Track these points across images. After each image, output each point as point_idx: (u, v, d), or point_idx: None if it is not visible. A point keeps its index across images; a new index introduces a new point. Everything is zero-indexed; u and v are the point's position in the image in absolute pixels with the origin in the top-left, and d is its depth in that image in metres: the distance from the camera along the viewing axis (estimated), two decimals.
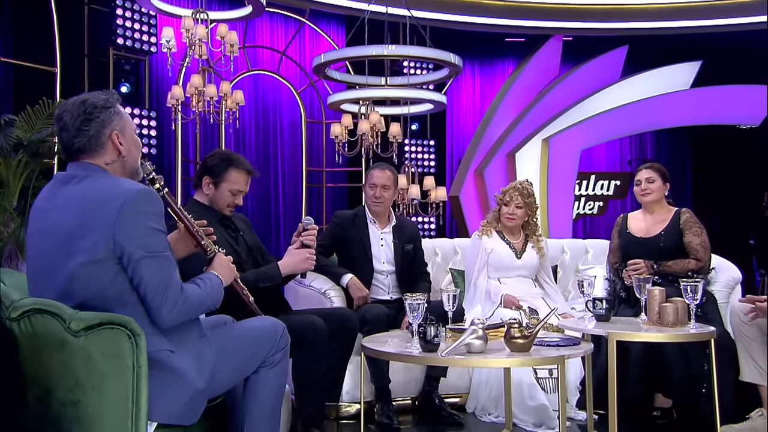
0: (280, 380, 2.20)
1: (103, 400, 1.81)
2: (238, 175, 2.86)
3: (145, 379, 1.84)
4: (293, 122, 9.28)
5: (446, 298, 2.73)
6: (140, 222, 1.87)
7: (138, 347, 1.83)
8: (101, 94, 2.02)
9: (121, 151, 1.98)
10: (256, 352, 2.14)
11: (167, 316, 1.90)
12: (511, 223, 3.79)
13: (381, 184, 3.59)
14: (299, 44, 9.35)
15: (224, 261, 2.23)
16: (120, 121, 1.99)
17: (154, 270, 1.88)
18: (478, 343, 2.50)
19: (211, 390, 2.01)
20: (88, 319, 1.80)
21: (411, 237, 3.68)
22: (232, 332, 2.15)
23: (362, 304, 3.41)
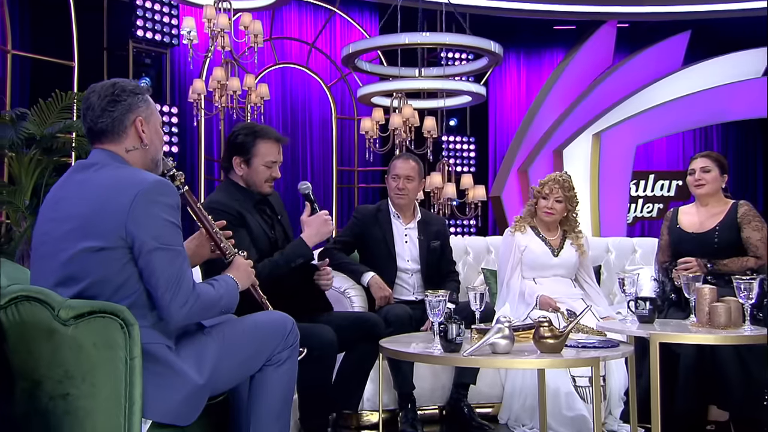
0: (288, 379, 2.19)
1: (94, 393, 1.82)
2: (268, 146, 2.83)
3: (139, 372, 1.85)
4: (323, 119, 9.35)
5: (473, 297, 2.70)
6: (154, 212, 1.91)
7: (131, 338, 1.85)
8: (132, 81, 2.10)
9: (143, 139, 2.04)
10: (261, 348, 2.14)
11: (177, 312, 1.92)
12: (549, 218, 3.73)
13: (404, 174, 3.57)
14: (329, 35, 9.42)
15: (243, 265, 2.26)
16: (146, 109, 2.06)
17: (165, 263, 1.90)
18: (503, 343, 2.46)
19: (211, 387, 2.02)
20: (78, 307, 1.83)
21: (437, 233, 3.65)
22: (235, 326, 2.15)
23: (384, 304, 3.38)
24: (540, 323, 2.53)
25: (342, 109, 9.40)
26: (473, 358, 2.40)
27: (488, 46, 6.89)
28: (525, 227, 3.77)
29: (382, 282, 3.43)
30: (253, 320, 2.19)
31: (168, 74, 7.89)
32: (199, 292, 1.97)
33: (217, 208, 2.72)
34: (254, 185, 2.85)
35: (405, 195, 3.57)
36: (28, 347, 1.84)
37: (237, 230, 2.69)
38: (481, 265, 4.15)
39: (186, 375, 1.94)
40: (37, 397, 1.83)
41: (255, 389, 2.16)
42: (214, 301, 2.03)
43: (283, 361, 2.18)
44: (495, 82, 10.41)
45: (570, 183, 3.72)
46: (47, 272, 1.95)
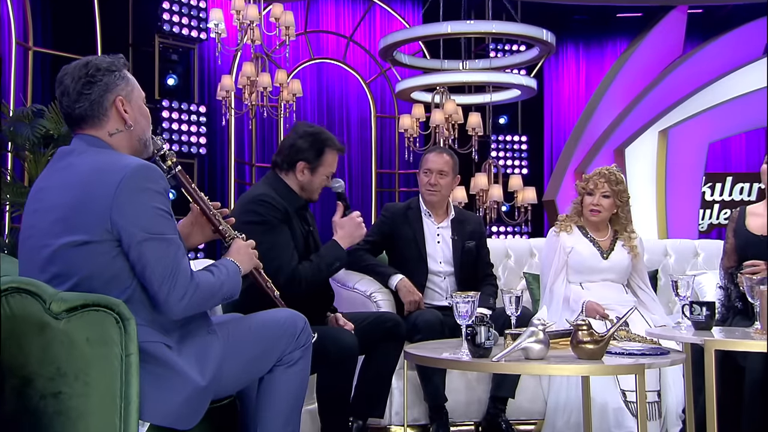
0: (298, 382, 2.20)
1: (87, 392, 1.85)
2: (334, 156, 2.96)
3: (136, 369, 1.87)
4: (362, 118, 9.41)
5: (508, 300, 2.68)
6: (141, 200, 1.90)
7: (127, 333, 1.87)
8: (106, 57, 2.09)
9: (126, 120, 2.03)
10: (270, 348, 2.15)
11: (176, 306, 1.93)
12: (596, 217, 3.67)
13: (437, 169, 3.56)
14: (368, 28, 9.49)
15: (243, 247, 2.26)
16: (126, 86, 2.04)
17: (159, 254, 1.91)
18: (537, 348, 2.42)
19: (214, 389, 2.02)
20: (71, 300, 1.85)
21: (473, 232, 3.63)
22: (242, 324, 2.16)
23: (414, 309, 3.37)
24: (578, 327, 2.49)
25: (382, 107, 9.44)
26: (503, 363, 2.37)
27: (539, 35, 6.86)
28: (571, 227, 3.71)
29: (411, 285, 3.42)
30: (261, 318, 2.20)
31: (196, 71, 8.03)
32: (198, 281, 1.97)
33: (266, 201, 2.81)
34: (308, 192, 2.95)
35: (437, 191, 3.56)
36: (19, 342, 1.86)
37: (281, 227, 2.78)
38: (524, 269, 4.11)
39: (187, 375, 1.95)
40: (28, 396, 1.86)
41: (263, 392, 2.17)
42: (215, 289, 2.03)
43: (295, 362, 2.18)
44: (551, 75, 10.32)
45: (618, 176, 3.65)
46: (34, 269, 1.97)
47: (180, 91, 7.87)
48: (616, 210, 3.70)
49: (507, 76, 7.20)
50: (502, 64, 7.72)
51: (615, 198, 3.66)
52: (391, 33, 6.93)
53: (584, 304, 3.53)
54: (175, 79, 7.85)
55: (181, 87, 7.92)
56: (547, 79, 10.32)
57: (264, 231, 2.75)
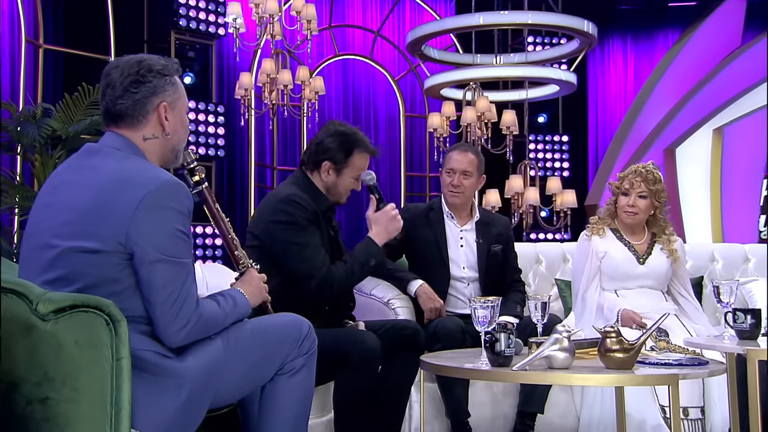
0: (303, 391, 2.20)
1: (76, 398, 1.87)
2: (363, 159, 3.01)
3: (127, 374, 1.89)
4: (390, 117, 9.43)
5: (533, 307, 2.67)
6: (162, 219, 1.94)
7: (117, 336, 1.89)
8: (161, 59, 2.13)
9: (165, 127, 2.07)
10: (272, 354, 2.16)
11: (175, 336, 1.96)
12: (632, 219, 3.63)
13: (460, 169, 3.55)
14: (397, 22, 9.52)
15: (255, 279, 2.30)
16: (173, 94, 2.09)
17: (168, 278, 1.93)
18: (561, 357, 2.41)
19: (212, 396, 2.04)
20: (59, 301, 1.87)
21: (499, 236, 3.61)
22: (242, 328, 2.17)
23: (434, 317, 3.36)
24: (606, 334, 2.47)
25: (411, 106, 9.45)
26: (524, 373, 2.37)
27: (579, 26, 6.82)
28: (604, 230, 3.68)
29: (432, 291, 3.42)
30: (262, 322, 2.21)
31: (214, 68, 8.12)
32: (203, 311, 2.00)
33: (296, 201, 2.85)
34: (335, 194, 2.99)
35: (460, 193, 3.56)
36: (5, 345, 1.88)
37: (312, 229, 2.83)
38: (556, 276, 4.09)
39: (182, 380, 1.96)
40: (14, 401, 1.88)
41: (265, 401, 2.18)
42: (219, 321, 2.07)
43: (298, 370, 2.19)
44: (595, 69, 10.24)
45: (655, 175, 3.61)
46: (35, 268, 2.00)
47: (197, 89, 7.96)
48: (653, 211, 3.66)
49: (543, 70, 7.17)
50: (539, 58, 7.69)
51: (652, 198, 3.62)
52: (420, 26, 6.93)
53: (619, 312, 3.50)
54: (191, 77, 7.93)
55: (199, 85, 8.02)
56: (591, 74, 10.25)
57: (294, 232, 2.81)
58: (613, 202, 3.72)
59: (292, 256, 2.81)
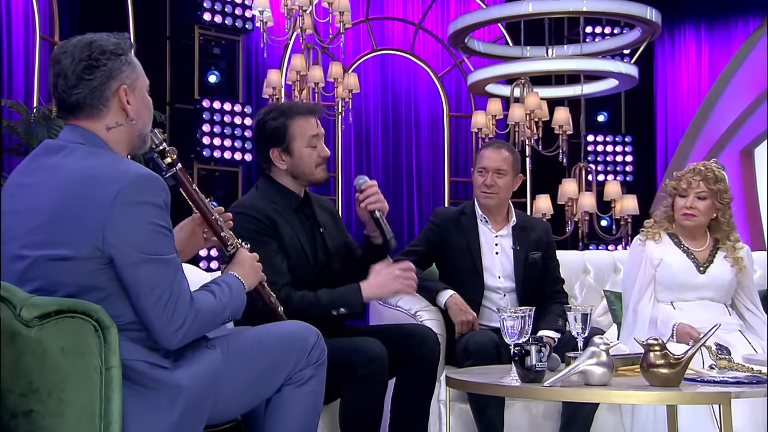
0: (311, 403, 2.23)
1: (62, 410, 1.89)
2: (303, 121, 2.92)
3: (117, 385, 1.92)
4: (433, 117, 9.44)
5: (572, 318, 2.65)
6: (139, 216, 1.95)
7: (107, 343, 1.92)
8: (111, 36, 2.11)
9: (129, 112, 2.06)
10: (277, 365, 2.18)
11: (174, 337, 1.98)
12: (691, 222, 3.58)
13: (494, 167, 3.54)
14: (441, 13, 9.54)
15: (248, 259, 2.31)
16: (131, 73, 2.07)
17: (156, 279, 1.95)
18: (599, 372, 2.40)
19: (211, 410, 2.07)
20: (44, 305, 1.90)
21: (538, 242, 3.59)
22: (243, 337, 2.20)
23: (466, 331, 3.35)
24: (650, 346, 2.45)
25: (457, 104, 9.45)
26: (558, 389, 2.37)
27: (641, 13, 6.75)
28: (660, 235, 3.64)
29: (463, 303, 3.41)
30: (266, 331, 2.23)
31: (241, 66, 8.21)
32: (199, 306, 2.01)
33: (243, 212, 2.81)
34: (304, 176, 2.94)
35: (494, 194, 3.55)
36: None
37: (265, 242, 2.77)
38: (605, 287, 4.06)
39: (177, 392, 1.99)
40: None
41: (270, 413, 2.21)
42: (217, 312, 2.08)
43: (306, 381, 2.21)
44: (664, 62, 10.10)
45: (717, 173, 3.56)
46: (10, 281, 1.99)
47: (223, 89, 8.06)
48: (715, 214, 3.60)
49: (599, 62, 7.11)
50: (596, 50, 7.63)
51: (714, 199, 3.56)
52: (463, 15, 6.94)
53: (675, 327, 3.45)
54: (217, 75, 8.04)
55: (224, 85, 8.10)
56: (659, 67, 10.10)
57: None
58: (669, 204, 3.67)
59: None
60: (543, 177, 8.57)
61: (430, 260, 3.65)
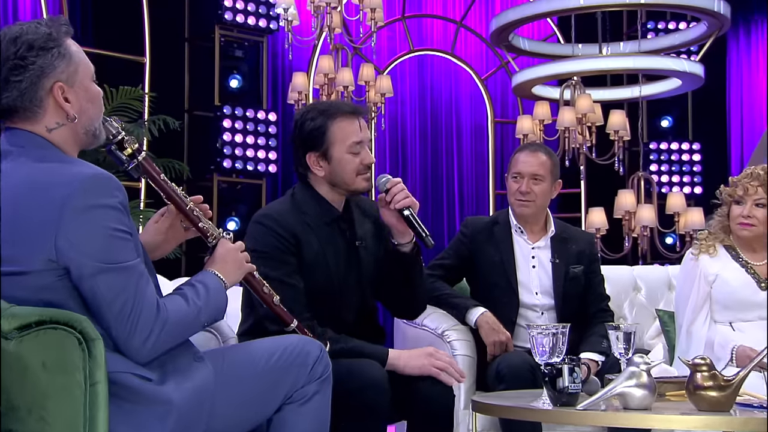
0: (316, 423, 2.24)
1: (44, 430, 1.91)
2: (345, 124, 2.86)
3: (104, 402, 1.93)
4: (476, 124, 9.44)
5: (614, 338, 2.64)
6: (92, 221, 1.95)
7: (92, 357, 1.94)
8: (41, 24, 2.06)
9: (68, 112, 2.05)
10: (275, 383, 2.19)
11: (141, 349, 1.99)
12: (749, 232, 3.54)
13: (530, 172, 3.54)
14: (485, 9, 9.55)
15: (231, 251, 2.28)
16: (67, 67, 2.05)
17: (116, 289, 1.97)
18: (639, 395, 2.39)
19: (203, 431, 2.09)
20: (24, 316, 1.93)
21: (580, 254, 3.59)
22: (238, 353, 2.22)
23: (499, 353, 3.35)
24: (696, 366, 2.43)
25: (503, 110, 9.45)
26: (593, 413, 2.36)
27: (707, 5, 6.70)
28: (715, 247, 3.61)
29: (496, 321, 3.41)
30: (263, 345, 2.25)
31: (266, 69, 8.27)
32: (167, 314, 2.02)
33: (264, 224, 2.81)
34: (343, 184, 2.88)
35: (530, 202, 3.55)
36: None
37: (284, 261, 2.76)
38: (658, 306, 4.04)
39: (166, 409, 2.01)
40: None
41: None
42: (190, 319, 2.08)
43: (309, 398, 2.23)
44: (739, 60, 9.97)
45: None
46: None
47: (246, 94, 8.11)
48: None
49: (658, 60, 7.06)
50: (656, 47, 7.58)
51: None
52: (506, 10, 6.95)
53: (734, 350, 3.42)
54: (239, 80, 8.09)
55: (248, 90, 8.15)
56: (733, 66, 9.97)
57: (255, 261, 2.58)
58: (725, 213, 3.64)
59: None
60: (597, 188, 8.51)
61: (460, 275, 3.66)
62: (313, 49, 8.38)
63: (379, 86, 7.30)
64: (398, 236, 2.90)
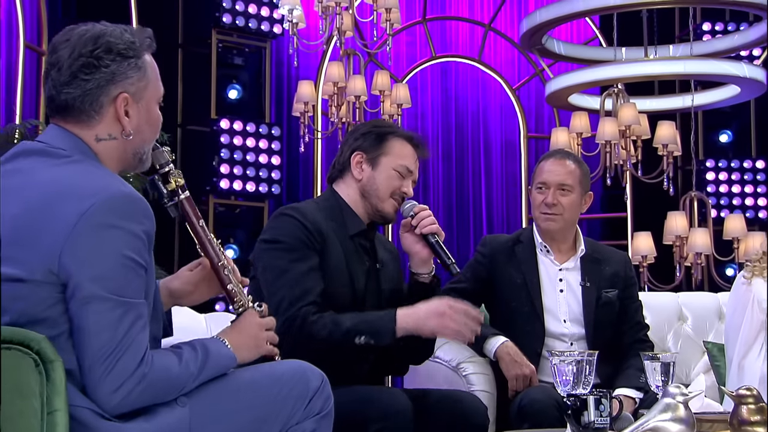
0: None
1: None
2: (404, 147, 3.09)
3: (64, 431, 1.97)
4: (507, 140, 9.46)
5: (650, 369, 2.66)
6: (105, 241, 1.99)
7: (50, 381, 1.96)
8: (127, 31, 2.18)
9: (125, 126, 2.14)
10: (267, 418, 2.18)
11: (108, 398, 1.98)
12: None
13: (556, 182, 3.55)
14: (516, 11, 9.58)
15: (253, 326, 2.31)
16: (138, 81, 2.15)
17: (105, 322, 1.97)
18: (674, 430, 2.40)
19: None
20: None
21: (614, 277, 3.60)
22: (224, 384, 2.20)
23: (522, 388, 3.35)
24: (741, 398, 2.44)
25: (538, 123, 9.46)
26: None
27: None
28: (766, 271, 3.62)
29: (518, 353, 3.42)
30: (254, 372, 2.24)
31: (269, 78, 8.32)
32: (149, 370, 2.00)
33: (291, 215, 2.94)
34: (375, 198, 3.06)
35: (557, 215, 3.56)
36: None
37: (306, 255, 2.87)
38: (707, 338, 4.03)
39: None
40: None
41: None
42: (177, 383, 2.07)
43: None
44: None
45: None
46: None
47: (246, 106, 8.17)
48: None
49: (712, 64, 7.04)
50: (711, 50, 7.57)
51: None
52: (538, 9, 6.98)
53: None
54: (238, 90, 8.16)
55: (248, 101, 8.22)
56: None
57: (277, 253, 2.88)
58: None
59: (267, 284, 2.88)
60: (643, 211, 8.49)
61: (478, 300, 3.65)
62: (322, 55, 8.43)
63: (395, 96, 7.31)
64: (419, 265, 3.07)
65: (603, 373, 3.41)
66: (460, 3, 9.50)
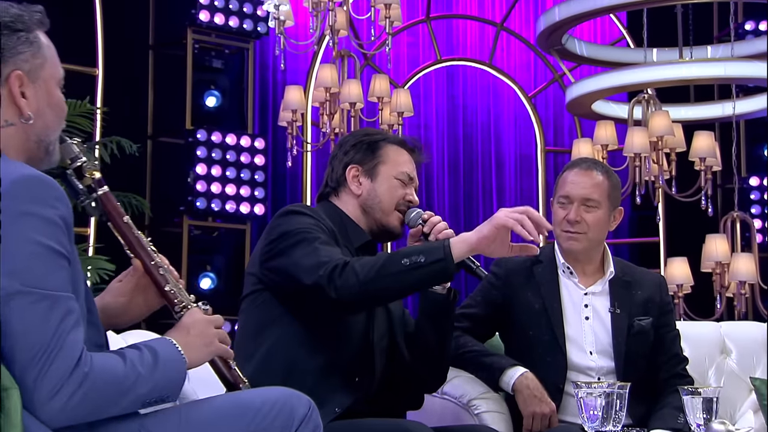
0: None
1: None
2: (400, 153, 3.17)
3: None
4: (522, 154, 9.50)
5: (690, 407, 2.69)
6: (18, 231, 1.98)
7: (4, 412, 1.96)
8: (13, 6, 2.17)
9: (23, 109, 2.12)
10: None
11: (47, 405, 1.97)
12: None
13: (581, 196, 3.53)
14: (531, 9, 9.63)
15: (200, 322, 2.32)
16: (33, 57, 2.14)
17: (30, 320, 1.97)
18: None
19: None
20: None
21: (648, 302, 3.59)
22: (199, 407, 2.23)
23: (538, 429, 3.34)
24: None
25: (557, 134, 9.51)
26: None
27: None
28: None
29: (539, 386, 3.40)
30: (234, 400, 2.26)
31: (252, 84, 8.34)
32: (90, 368, 2.00)
33: (295, 210, 3.00)
34: (379, 212, 3.12)
35: (581, 234, 3.55)
36: None
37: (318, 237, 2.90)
38: (755, 373, 4.03)
39: None
40: None
41: None
42: (123, 386, 2.06)
43: None
44: None
45: None
46: None
47: (226, 115, 8.19)
48: None
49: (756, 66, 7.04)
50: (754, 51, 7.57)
51: None
52: (557, 5, 7.00)
53: None
54: (217, 97, 8.17)
55: (228, 109, 8.24)
56: None
57: (293, 237, 2.88)
58: None
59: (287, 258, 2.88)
60: (678, 233, 8.50)
61: (491, 328, 3.67)
62: (312, 57, 8.47)
63: (395, 104, 7.33)
64: None
65: (635, 413, 3.41)
66: (470, 1, 9.53)
